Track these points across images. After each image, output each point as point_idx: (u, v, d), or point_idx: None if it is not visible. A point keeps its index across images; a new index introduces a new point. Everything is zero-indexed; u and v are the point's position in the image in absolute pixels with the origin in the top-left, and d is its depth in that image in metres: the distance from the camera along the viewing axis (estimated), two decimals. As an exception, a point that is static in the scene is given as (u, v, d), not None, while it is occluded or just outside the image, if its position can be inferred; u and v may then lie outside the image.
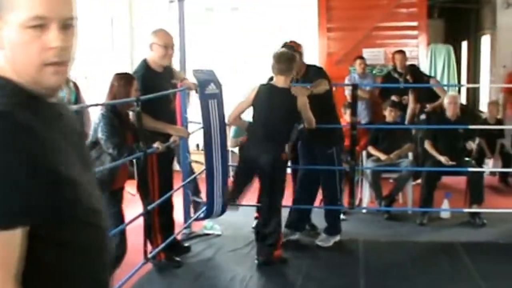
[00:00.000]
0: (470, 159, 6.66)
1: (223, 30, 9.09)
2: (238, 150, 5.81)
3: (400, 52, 8.05)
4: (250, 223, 5.89)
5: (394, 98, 7.58)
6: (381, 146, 6.65)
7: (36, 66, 1.21)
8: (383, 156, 6.54)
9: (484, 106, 9.05)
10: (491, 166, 7.65)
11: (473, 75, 11.31)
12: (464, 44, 11.75)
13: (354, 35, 8.50)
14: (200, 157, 7.23)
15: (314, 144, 5.37)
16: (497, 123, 7.73)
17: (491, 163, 7.69)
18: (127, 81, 4.15)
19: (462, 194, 6.70)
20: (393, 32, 8.48)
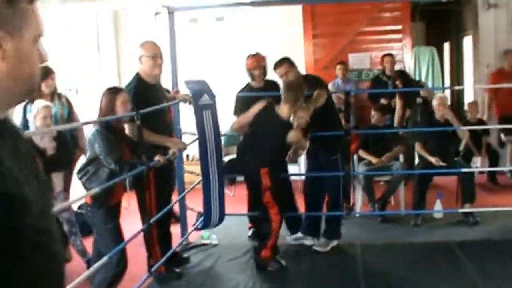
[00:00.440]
0: (459, 158, 6.75)
1: (209, 40, 9.13)
2: None
3: (389, 55, 8.13)
4: (246, 232, 5.94)
5: (383, 101, 7.68)
6: (372, 150, 6.72)
7: (37, 74, 1.29)
8: (374, 160, 6.61)
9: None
10: (479, 165, 7.74)
11: (456, 76, 11.44)
12: (446, 46, 11.88)
13: (339, 40, 8.60)
14: (191, 167, 7.28)
15: (319, 151, 5.50)
16: (478, 122, 7.84)
17: (479, 162, 7.78)
18: (112, 94, 4.16)
19: (453, 193, 6.80)
20: (378, 37, 8.58)
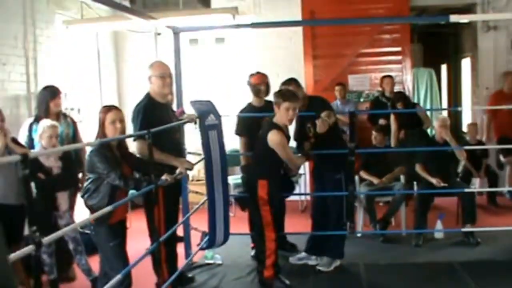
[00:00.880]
0: (458, 179, 6.83)
1: (209, 61, 9.24)
2: None
3: (388, 77, 8.19)
4: (249, 251, 5.98)
5: (382, 121, 7.75)
6: (373, 170, 6.81)
7: None
8: (376, 180, 6.70)
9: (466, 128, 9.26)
10: (478, 186, 7.82)
11: (453, 97, 11.59)
12: (444, 67, 12.04)
13: (339, 62, 8.68)
14: (195, 187, 7.33)
15: (323, 169, 5.57)
16: (478, 144, 7.93)
17: (477, 183, 7.86)
18: (102, 113, 4.20)
19: (454, 214, 6.87)
20: (377, 58, 8.67)
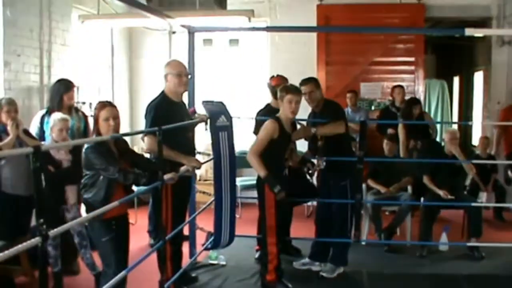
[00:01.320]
0: (466, 192, 6.84)
1: (222, 62, 9.30)
2: None
3: (399, 86, 8.22)
4: (253, 254, 6.02)
5: (390, 130, 7.77)
6: (380, 179, 6.83)
7: None
8: (383, 189, 6.72)
9: (476, 141, 9.27)
10: (485, 200, 7.82)
11: (464, 110, 11.59)
12: (456, 80, 12.04)
13: (352, 69, 8.73)
14: (203, 187, 7.37)
15: (328, 175, 5.57)
16: (489, 158, 7.94)
17: (485, 197, 7.86)
18: (97, 109, 4.13)
19: (459, 227, 6.87)
20: (390, 67, 8.71)
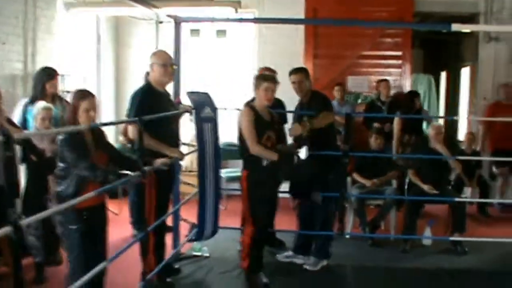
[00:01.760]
0: (450, 187, 6.88)
1: (209, 53, 9.29)
2: None
3: (385, 80, 8.27)
4: (237, 245, 5.99)
5: (377, 125, 7.80)
6: (366, 174, 6.85)
7: None
8: (367, 182, 6.74)
9: (462, 137, 9.34)
10: (469, 195, 7.88)
11: (451, 106, 11.64)
12: (443, 75, 12.09)
13: (339, 62, 8.74)
14: (187, 178, 7.36)
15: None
16: (474, 154, 7.99)
17: (469, 192, 7.92)
18: (76, 99, 3.97)
19: (443, 221, 6.91)
20: (378, 61, 8.74)
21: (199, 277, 5.29)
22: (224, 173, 8.05)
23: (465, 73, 10.56)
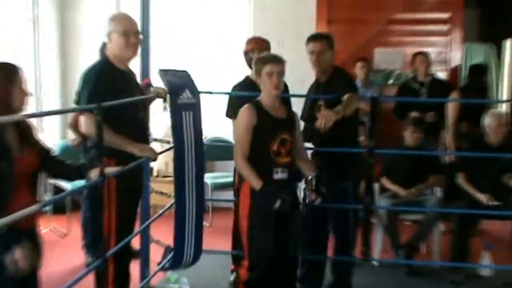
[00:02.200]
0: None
1: (188, 21, 9.32)
2: None
3: (422, 54, 8.21)
4: (227, 275, 6.07)
5: (415, 114, 7.76)
6: (399, 179, 6.90)
7: None
8: (402, 191, 6.79)
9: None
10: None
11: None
12: (507, 44, 12.08)
13: (363, 29, 8.79)
14: (160, 186, 7.42)
15: (324, 173, 5.11)
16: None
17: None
18: (6, 75, 3.72)
19: (507, 244, 6.95)
20: (415, 27, 8.79)
21: (176, 319, 5.37)
22: (210, 178, 8.10)
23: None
